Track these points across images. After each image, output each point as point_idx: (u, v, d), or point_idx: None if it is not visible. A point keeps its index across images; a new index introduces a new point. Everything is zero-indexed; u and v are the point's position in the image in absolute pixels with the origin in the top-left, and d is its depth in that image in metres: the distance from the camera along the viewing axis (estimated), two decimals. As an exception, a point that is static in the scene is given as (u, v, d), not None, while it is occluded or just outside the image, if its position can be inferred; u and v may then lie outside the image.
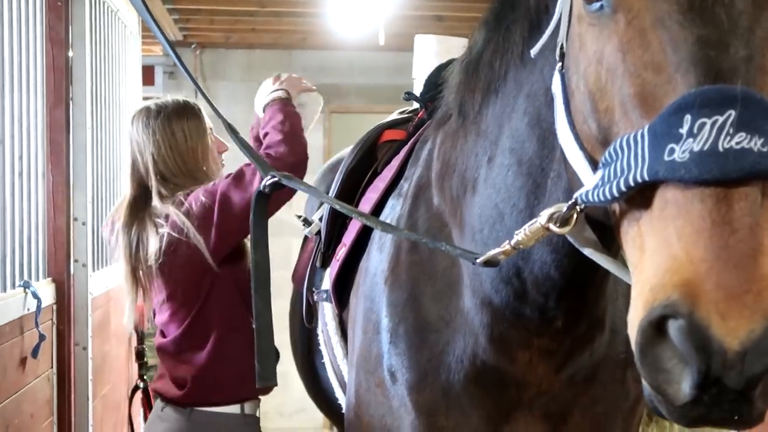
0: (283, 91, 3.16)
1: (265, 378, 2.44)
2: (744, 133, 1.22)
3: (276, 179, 2.34)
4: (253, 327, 2.47)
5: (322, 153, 8.93)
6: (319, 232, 3.00)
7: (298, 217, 3.28)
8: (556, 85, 1.61)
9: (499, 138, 1.93)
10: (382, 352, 2.22)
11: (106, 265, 4.95)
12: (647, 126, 1.30)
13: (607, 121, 1.42)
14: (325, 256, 2.85)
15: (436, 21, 7.84)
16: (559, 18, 1.63)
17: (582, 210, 1.52)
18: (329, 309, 2.73)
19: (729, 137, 1.22)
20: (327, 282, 2.75)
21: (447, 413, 2.11)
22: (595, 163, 1.46)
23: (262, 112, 3.16)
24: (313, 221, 3.18)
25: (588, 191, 1.43)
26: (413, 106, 3.17)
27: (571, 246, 1.67)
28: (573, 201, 1.51)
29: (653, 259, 1.26)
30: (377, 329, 2.25)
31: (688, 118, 1.24)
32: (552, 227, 1.56)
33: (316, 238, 3.03)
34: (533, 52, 1.76)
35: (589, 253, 1.62)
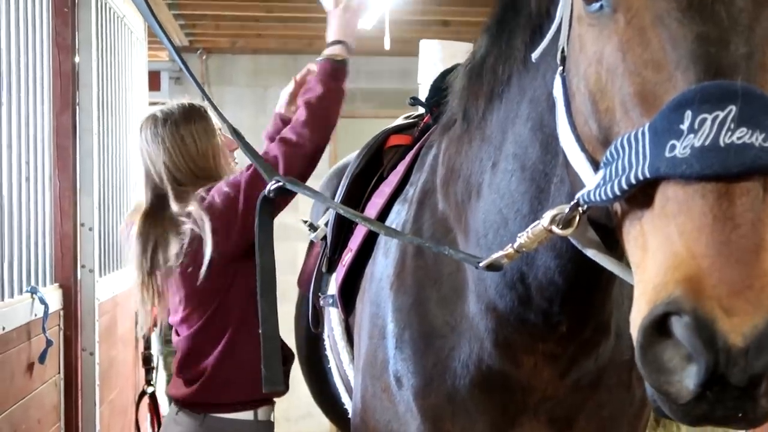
0: (341, 47, 3.07)
1: (272, 382, 2.43)
2: (745, 129, 1.22)
3: (281, 184, 2.32)
4: (260, 331, 2.46)
5: (327, 157, 8.91)
6: (325, 237, 3.01)
7: (304, 222, 3.28)
8: (558, 88, 1.61)
9: (503, 143, 1.93)
10: (388, 357, 2.22)
11: (112, 271, 4.96)
12: (648, 123, 1.30)
13: (608, 121, 1.42)
14: (331, 261, 2.86)
15: (442, 26, 7.85)
16: (560, 22, 1.63)
17: (585, 211, 1.52)
18: (335, 314, 2.73)
19: (730, 132, 1.22)
20: (333, 287, 2.75)
21: (453, 418, 2.11)
22: (596, 164, 1.45)
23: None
24: (319, 226, 3.19)
25: (590, 191, 1.43)
26: (419, 111, 3.17)
27: (575, 251, 1.67)
28: (575, 202, 1.51)
29: (655, 258, 1.26)
30: (383, 334, 2.25)
31: (688, 114, 1.24)
32: (555, 229, 1.56)
33: (322, 243, 3.04)
34: (534, 56, 1.76)
35: (592, 254, 1.62)
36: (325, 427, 8.44)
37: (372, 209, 2.60)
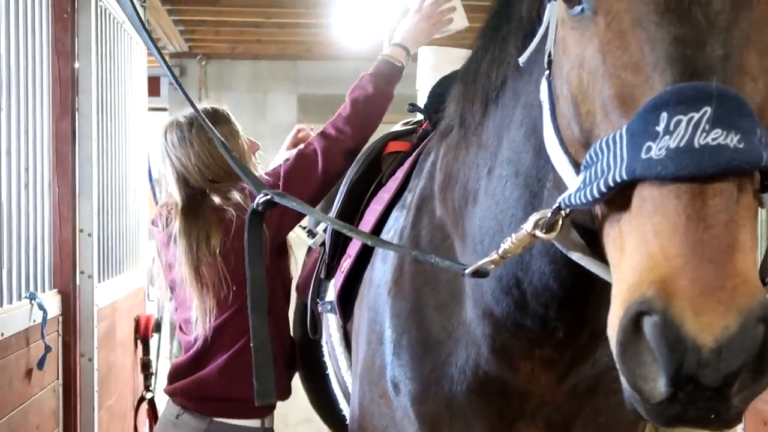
0: (404, 52, 3.12)
1: (264, 395, 2.43)
2: (720, 130, 1.22)
3: (269, 197, 2.32)
4: (251, 345, 2.46)
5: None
6: (323, 243, 3.01)
7: (303, 227, 3.28)
8: (544, 92, 1.61)
9: (499, 149, 1.93)
10: (386, 363, 2.23)
11: (111, 276, 4.97)
12: (625, 126, 1.30)
13: (589, 124, 1.43)
14: (329, 267, 2.86)
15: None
16: (548, 26, 1.63)
17: (567, 215, 1.52)
18: (333, 320, 2.74)
19: (705, 134, 1.22)
20: (331, 293, 2.75)
21: (450, 424, 2.11)
22: (578, 167, 1.45)
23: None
24: (318, 232, 3.19)
25: (571, 195, 1.43)
26: (418, 117, 3.18)
27: (569, 256, 1.67)
28: (557, 206, 1.51)
29: (631, 258, 1.26)
30: (381, 340, 2.26)
31: (664, 115, 1.25)
32: (538, 233, 1.56)
33: (321, 249, 3.04)
34: (521, 60, 1.77)
35: (576, 257, 1.62)
36: (325, 433, 8.44)
37: (371, 215, 2.61)
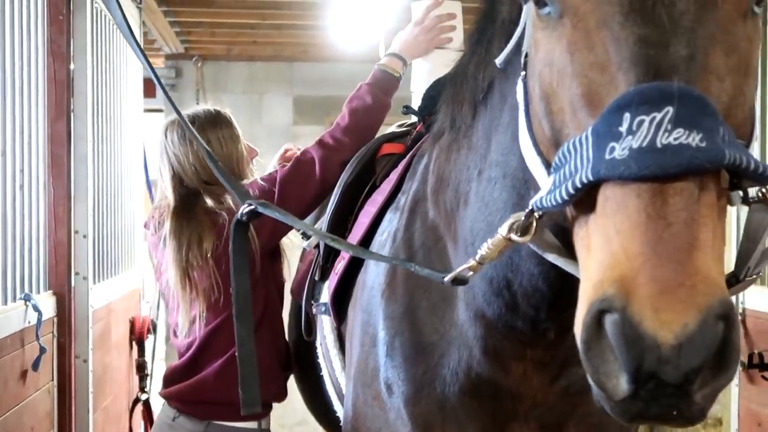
0: (401, 62, 3.18)
1: (249, 405, 2.44)
2: (682, 129, 1.23)
3: (252, 207, 2.32)
4: (236, 354, 2.46)
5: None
6: (317, 246, 3.01)
7: (297, 230, 3.28)
8: (520, 92, 1.62)
9: (488, 151, 1.94)
10: (379, 365, 2.23)
11: (107, 278, 4.96)
12: (591, 127, 1.31)
13: (559, 123, 1.44)
14: (323, 269, 2.86)
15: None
16: (524, 27, 1.64)
17: (540, 216, 1.52)
18: (328, 322, 2.74)
19: (667, 133, 1.23)
20: (326, 295, 2.76)
21: (443, 426, 2.12)
22: (550, 167, 1.46)
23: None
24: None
25: (542, 197, 1.44)
26: (412, 119, 3.18)
27: None
28: (530, 209, 1.51)
29: (595, 256, 1.27)
30: (374, 342, 2.26)
31: (627, 116, 1.26)
32: (513, 237, 1.55)
33: (315, 252, 3.04)
34: (498, 61, 1.78)
35: (553, 258, 1.62)
36: (320, 435, 8.44)
37: (365, 217, 2.62)
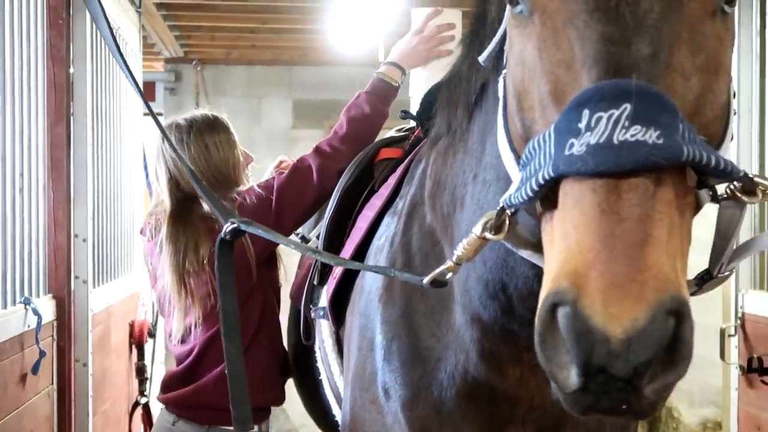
0: (399, 71, 3.19)
1: (241, 422, 2.45)
2: (639, 126, 1.24)
3: (235, 225, 2.33)
4: (226, 372, 2.47)
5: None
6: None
7: (296, 234, 3.29)
8: (500, 90, 1.64)
9: (483, 154, 1.94)
10: (376, 369, 2.24)
11: (106, 282, 4.97)
12: (554, 124, 1.33)
13: (529, 120, 1.46)
14: (322, 273, 2.87)
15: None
16: (506, 26, 1.65)
17: (513, 213, 1.52)
18: (326, 326, 2.75)
19: (624, 130, 1.24)
20: (324, 299, 2.76)
21: (440, 429, 2.12)
22: None
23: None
24: (311, 239, 3.21)
25: (511, 194, 1.45)
26: (411, 124, 3.19)
27: None
28: (501, 206, 1.52)
29: (555, 251, 1.29)
30: (371, 346, 2.27)
31: (586, 113, 1.27)
32: (488, 235, 1.55)
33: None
34: (481, 59, 1.79)
35: (527, 255, 1.63)
36: (319, 438, 8.44)
37: (363, 222, 2.62)
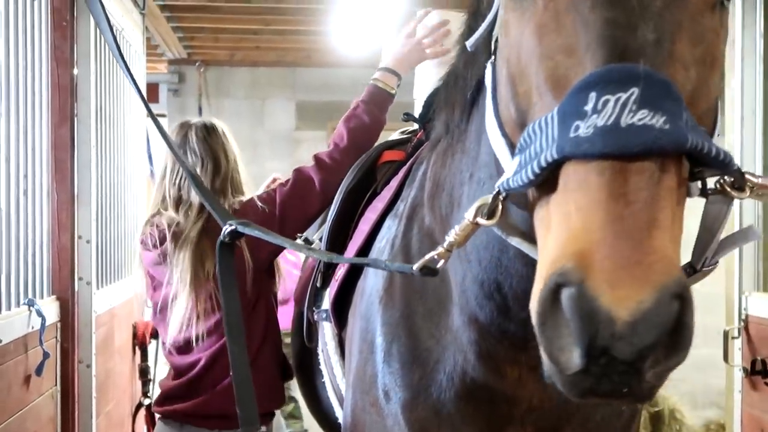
0: (395, 77, 3.21)
1: (248, 423, 2.46)
2: (646, 111, 1.24)
3: (233, 227, 2.33)
4: (230, 374, 2.48)
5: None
6: (319, 252, 3.03)
7: (299, 236, 3.30)
8: (488, 76, 1.63)
9: (479, 154, 1.94)
10: (377, 371, 2.24)
11: (110, 283, 4.98)
12: (557, 107, 1.33)
13: (525, 104, 1.45)
14: (325, 276, 2.88)
15: (440, 39, 7.87)
16: (496, 12, 1.65)
17: (505, 198, 1.52)
18: (329, 329, 2.75)
19: (632, 114, 1.24)
20: (327, 302, 2.77)
21: (439, 431, 2.12)
22: (515, 149, 1.46)
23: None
24: (314, 241, 3.21)
25: (509, 178, 1.43)
26: (414, 126, 3.20)
27: None
28: (496, 191, 1.51)
29: (555, 233, 1.28)
30: (372, 349, 2.27)
31: (593, 95, 1.27)
32: (480, 221, 1.55)
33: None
34: (468, 44, 1.78)
35: (516, 243, 1.62)
36: (323, 439, 8.43)
37: (365, 224, 2.63)
